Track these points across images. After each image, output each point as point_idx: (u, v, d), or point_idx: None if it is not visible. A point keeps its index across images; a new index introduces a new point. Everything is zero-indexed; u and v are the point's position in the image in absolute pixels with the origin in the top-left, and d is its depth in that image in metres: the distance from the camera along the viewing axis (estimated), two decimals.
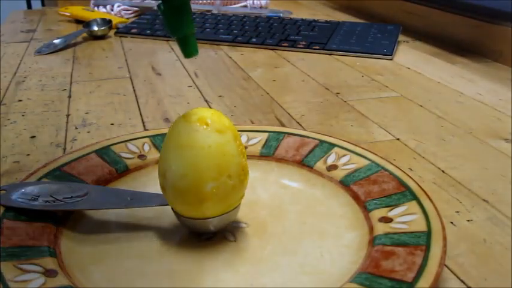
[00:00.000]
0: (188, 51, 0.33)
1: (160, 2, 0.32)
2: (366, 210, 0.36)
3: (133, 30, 0.90)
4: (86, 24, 0.89)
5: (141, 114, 0.56)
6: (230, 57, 0.78)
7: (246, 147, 0.43)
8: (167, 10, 0.32)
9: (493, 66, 0.73)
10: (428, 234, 0.32)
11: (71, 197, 0.36)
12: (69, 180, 0.39)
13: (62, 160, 0.41)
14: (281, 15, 1.04)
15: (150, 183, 0.40)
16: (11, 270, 0.29)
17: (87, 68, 0.73)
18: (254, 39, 0.84)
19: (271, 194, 0.39)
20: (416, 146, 0.48)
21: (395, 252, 0.30)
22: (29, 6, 2.01)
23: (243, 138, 0.45)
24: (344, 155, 0.42)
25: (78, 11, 1.00)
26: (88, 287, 0.30)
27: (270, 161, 0.43)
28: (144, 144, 0.44)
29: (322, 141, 0.44)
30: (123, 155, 0.42)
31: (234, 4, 1.11)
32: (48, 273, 0.29)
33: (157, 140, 0.44)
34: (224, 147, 0.32)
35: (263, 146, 0.44)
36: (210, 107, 0.54)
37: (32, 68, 0.72)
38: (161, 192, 0.33)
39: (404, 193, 0.36)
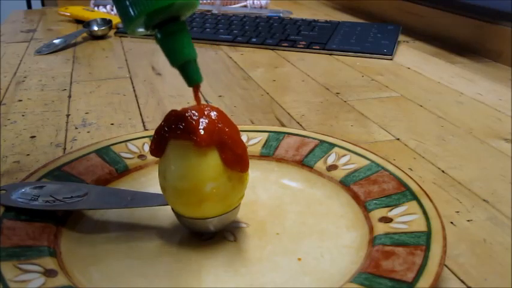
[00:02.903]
0: (191, 78, 0.31)
1: (156, 31, 0.30)
2: (366, 210, 0.36)
3: None
4: (86, 24, 0.89)
5: (141, 114, 0.56)
6: (230, 57, 0.78)
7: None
8: (164, 38, 0.30)
9: (493, 66, 0.73)
10: (428, 234, 0.32)
11: (71, 197, 0.36)
12: (69, 180, 0.39)
13: (62, 160, 0.41)
14: (281, 15, 1.04)
15: (150, 183, 0.40)
16: (11, 270, 0.29)
17: (87, 68, 0.73)
18: (254, 39, 0.84)
19: (271, 194, 0.39)
20: (416, 146, 0.48)
21: (395, 252, 0.30)
22: (29, 6, 2.01)
23: (243, 138, 0.44)
24: (344, 155, 0.42)
25: (78, 11, 1.00)
26: (88, 287, 0.30)
27: (270, 161, 0.43)
28: (144, 144, 0.44)
29: (322, 141, 0.44)
30: (123, 155, 0.42)
31: (234, 4, 1.11)
32: (48, 273, 0.29)
33: None
34: None
35: (263, 146, 0.44)
36: None
37: (32, 68, 0.72)
38: (161, 192, 0.33)
39: (404, 193, 0.36)
